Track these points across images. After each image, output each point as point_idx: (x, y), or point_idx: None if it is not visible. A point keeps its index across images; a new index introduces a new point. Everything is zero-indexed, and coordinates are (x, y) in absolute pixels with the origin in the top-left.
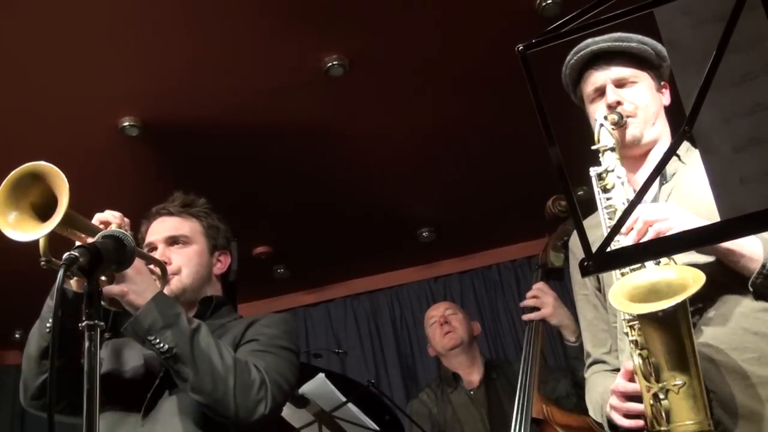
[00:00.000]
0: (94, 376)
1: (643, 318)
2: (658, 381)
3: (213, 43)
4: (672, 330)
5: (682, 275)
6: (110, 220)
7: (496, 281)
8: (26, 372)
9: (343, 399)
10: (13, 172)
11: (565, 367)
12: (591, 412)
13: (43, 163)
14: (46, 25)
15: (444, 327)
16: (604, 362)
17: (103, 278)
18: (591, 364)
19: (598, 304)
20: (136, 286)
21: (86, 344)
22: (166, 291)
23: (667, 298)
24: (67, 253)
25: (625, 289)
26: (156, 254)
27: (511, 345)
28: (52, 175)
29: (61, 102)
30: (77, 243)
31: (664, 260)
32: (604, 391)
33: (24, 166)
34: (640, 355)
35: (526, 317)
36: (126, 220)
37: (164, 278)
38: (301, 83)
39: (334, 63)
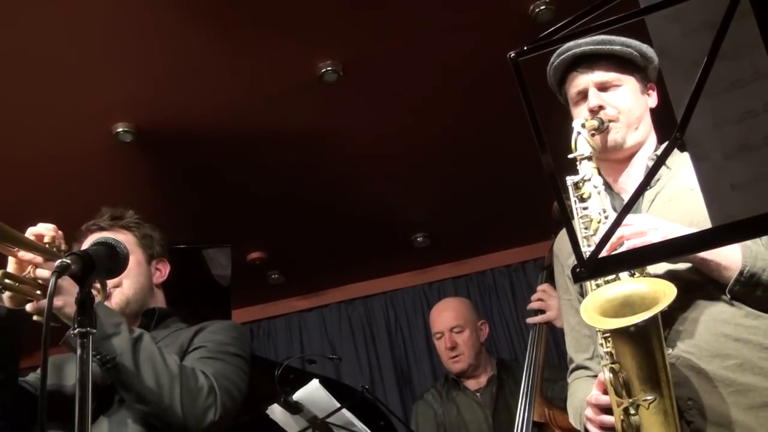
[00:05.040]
0: (87, 384)
1: (614, 332)
2: (629, 395)
3: (207, 50)
4: (643, 345)
5: (655, 288)
6: (43, 233)
7: (490, 286)
8: None
9: (338, 405)
10: None
11: None
12: (571, 419)
13: None
14: (39, 31)
15: (450, 352)
16: (586, 368)
17: (37, 292)
18: (573, 370)
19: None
20: (72, 298)
21: (78, 351)
22: (108, 306)
23: (640, 311)
24: (59, 261)
25: (598, 303)
26: None
27: (506, 350)
28: None
29: (55, 108)
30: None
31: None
32: (584, 398)
33: None
34: (612, 369)
35: (531, 321)
36: (59, 232)
37: (104, 291)
38: (295, 89)
39: (328, 69)
